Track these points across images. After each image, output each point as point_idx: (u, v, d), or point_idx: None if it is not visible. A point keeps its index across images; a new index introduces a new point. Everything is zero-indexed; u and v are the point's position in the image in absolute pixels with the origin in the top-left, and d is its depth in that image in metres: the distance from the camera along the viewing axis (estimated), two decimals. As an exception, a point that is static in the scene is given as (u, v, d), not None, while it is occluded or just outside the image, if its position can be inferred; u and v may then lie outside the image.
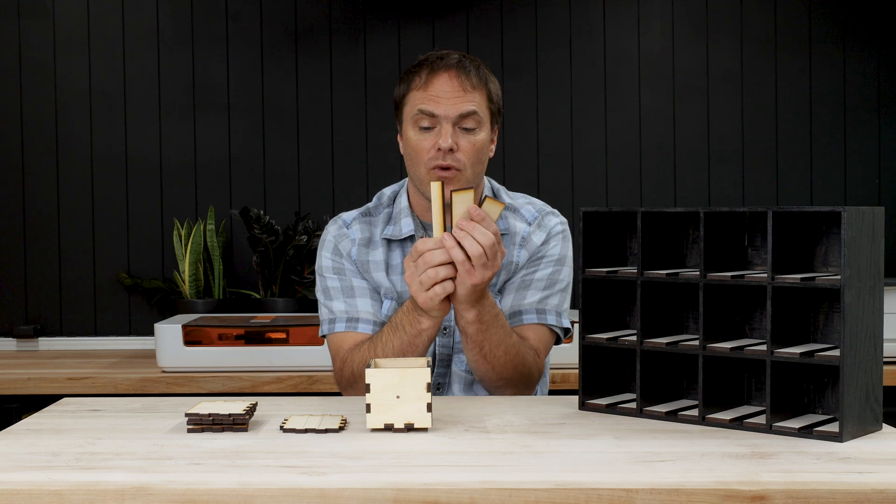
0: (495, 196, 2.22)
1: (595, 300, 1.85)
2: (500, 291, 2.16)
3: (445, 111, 2.04)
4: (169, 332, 2.99)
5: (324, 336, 2.18)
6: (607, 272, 1.81)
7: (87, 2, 3.63)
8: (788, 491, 1.31)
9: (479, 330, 1.95)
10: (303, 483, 1.34)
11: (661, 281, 1.75)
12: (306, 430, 1.65)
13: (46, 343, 3.60)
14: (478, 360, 2.01)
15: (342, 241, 2.19)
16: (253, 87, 3.64)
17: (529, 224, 2.18)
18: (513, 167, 3.67)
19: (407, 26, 3.65)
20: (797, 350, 1.62)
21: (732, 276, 1.67)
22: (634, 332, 1.84)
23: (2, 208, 3.62)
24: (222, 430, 1.65)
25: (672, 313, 1.83)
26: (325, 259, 2.19)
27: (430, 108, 2.05)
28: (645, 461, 1.45)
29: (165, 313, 3.57)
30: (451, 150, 2.03)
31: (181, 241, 3.50)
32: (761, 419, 1.67)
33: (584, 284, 1.83)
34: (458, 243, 1.83)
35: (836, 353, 1.60)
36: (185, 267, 3.48)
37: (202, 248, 3.51)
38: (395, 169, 3.58)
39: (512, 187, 3.66)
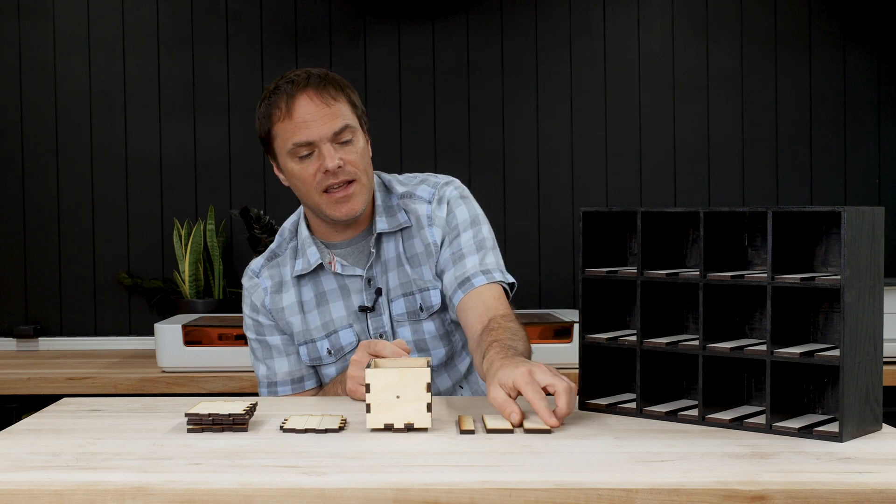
0: (387, 188, 2.19)
1: (595, 300, 1.85)
2: (439, 276, 2.13)
3: (320, 133, 2.01)
4: (169, 332, 2.98)
5: None
6: (607, 272, 1.81)
7: (87, 2, 3.63)
8: (788, 491, 1.31)
9: None
10: (303, 483, 1.34)
11: (661, 281, 1.75)
12: (306, 430, 1.65)
13: (46, 343, 3.60)
14: None
15: (255, 292, 2.19)
16: (253, 87, 3.63)
17: (430, 202, 2.15)
18: (513, 167, 3.67)
19: (407, 26, 3.65)
20: (797, 350, 1.62)
21: (732, 276, 1.67)
22: (634, 332, 1.84)
23: (2, 208, 3.62)
24: (222, 430, 1.65)
25: (672, 313, 1.83)
26: (245, 317, 2.23)
27: (304, 137, 2.01)
28: (645, 461, 1.44)
29: (165, 313, 3.57)
30: (340, 166, 2.02)
31: (181, 241, 3.50)
32: (761, 419, 1.67)
33: (584, 284, 1.83)
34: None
35: (836, 353, 1.60)
36: (185, 267, 3.48)
37: (202, 248, 3.51)
38: (393, 167, 3.58)
39: (512, 187, 3.69)
